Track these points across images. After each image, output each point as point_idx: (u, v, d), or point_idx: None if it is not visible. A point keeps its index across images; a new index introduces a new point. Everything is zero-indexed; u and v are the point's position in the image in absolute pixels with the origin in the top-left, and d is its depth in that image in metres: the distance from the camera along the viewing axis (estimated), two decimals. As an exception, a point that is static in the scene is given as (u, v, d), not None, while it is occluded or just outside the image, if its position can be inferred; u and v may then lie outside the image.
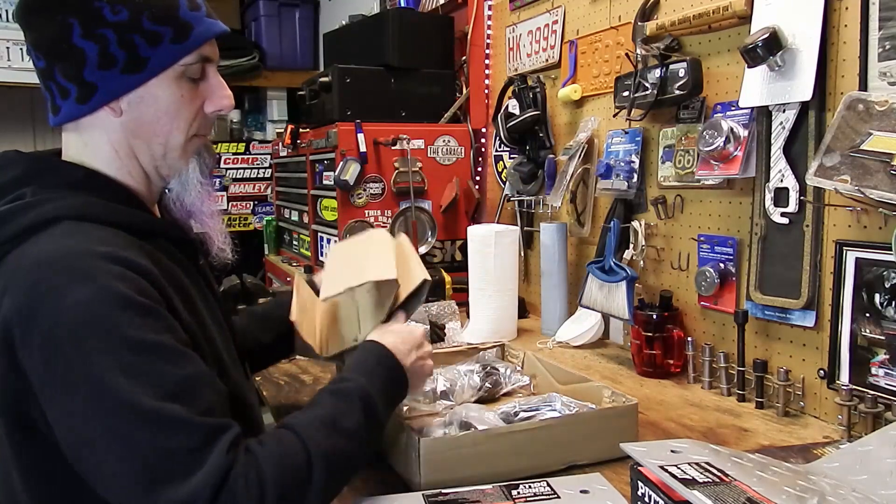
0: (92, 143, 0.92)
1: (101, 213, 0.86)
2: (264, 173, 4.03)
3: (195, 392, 0.77)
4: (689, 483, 0.71)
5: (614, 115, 1.73)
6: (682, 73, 1.49)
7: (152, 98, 0.90)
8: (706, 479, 0.72)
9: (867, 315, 1.17)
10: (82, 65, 0.86)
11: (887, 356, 1.14)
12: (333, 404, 0.89)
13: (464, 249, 2.30)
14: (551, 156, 1.95)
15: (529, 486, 0.98)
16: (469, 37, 2.43)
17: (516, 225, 2.11)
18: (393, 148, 2.27)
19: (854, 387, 1.17)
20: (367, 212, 2.28)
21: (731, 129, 1.36)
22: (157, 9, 0.87)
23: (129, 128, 0.91)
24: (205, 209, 0.99)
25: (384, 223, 2.29)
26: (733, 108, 1.40)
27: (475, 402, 1.37)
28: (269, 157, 3.85)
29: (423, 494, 0.97)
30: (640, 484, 0.78)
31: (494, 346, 1.56)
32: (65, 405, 0.75)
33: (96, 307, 0.75)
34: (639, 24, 1.62)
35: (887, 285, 1.14)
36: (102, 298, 0.75)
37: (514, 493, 0.97)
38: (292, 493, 0.78)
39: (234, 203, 4.02)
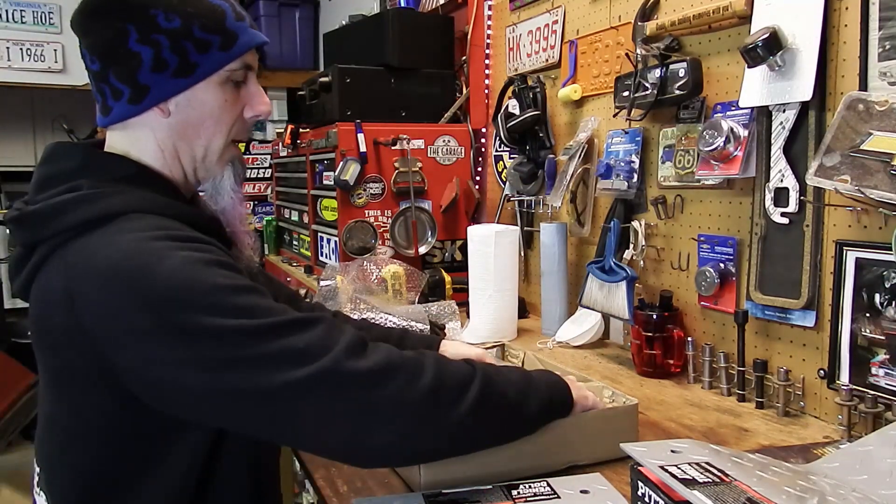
0: (139, 141, 0.98)
1: (160, 207, 0.92)
2: (264, 173, 4.03)
3: (295, 311, 0.85)
4: (690, 483, 0.71)
5: (614, 115, 1.73)
6: (682, 73, 1.49)
7: (199, 101, 0.96)
8: (706, 479, 0.72)
9: (867, 315, 1.17)
10: (137, 68, 0.92)
11: (887, 356, 1.14)
12: (518, 379, 0.97)
13: (464, 249, 2.30)
14: (551, 156, 1.95)
15: (529, 486, 0.98)
16: (469, 37, 2.43)
17: (516, 225, 2.11)
18: (393, 148, 2.28)
19: (854, 387, 1.17)
20: (367, 212, 2.28)
21: (731, 129, 1.36)
22: (207, 19, 0.94)
23: (176, 128, 0.97)
24: (235, 214, 1.05)
25: (384, 223, 2.30)
26: (733, 108, 1.40)
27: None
28: (269, 157, 3.85)
29: (423, 494, 0.97)
30: (640, 484, 0.78)
31: (494, 346, 1.56)
32: (188, 359, 0.79)
33: (188, 271, 0.81)
34: (639, 24, 1.62)
35: (887, 285, 1.14)
36: (188, 263, 0.81)
37: (514, 493, 0.97)
38: (447, 386, 0.86)
39: (234, 203, 4.01)
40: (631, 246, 1.67)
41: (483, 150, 2.46)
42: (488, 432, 0.94)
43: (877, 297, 1.16)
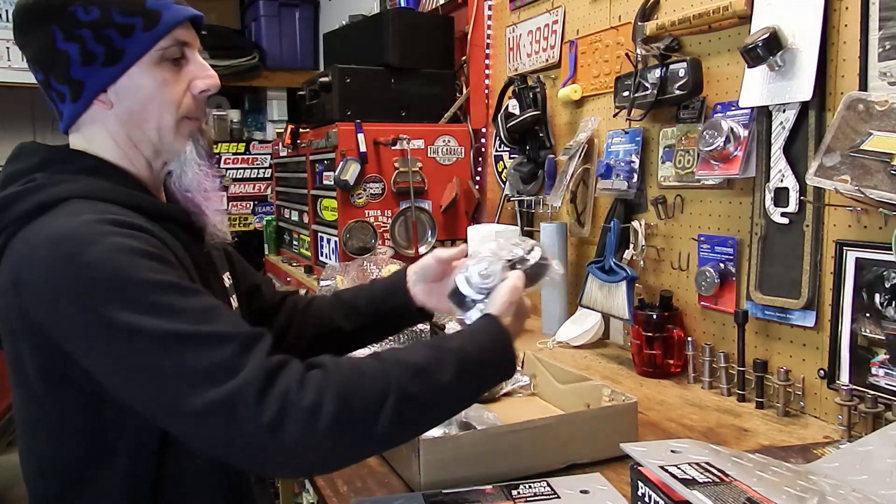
0: (94, 138, 0.98)
1: (109, 194, 0.91)
2: (264, 173, 4.03)
3: (220, 316, 0.83)
4: (690, 483, 0.71)
5: (614, 115, 1.73)
6: (682, 73, 1.49)
7: (136, 86, 0.95)
8: (706, 480, 0.72)
9: (867, 315, 1.17)
10: (68, 65, 0.92)
11: (887, 356, 1.14)
12: (428, 355, 0.87)
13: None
14: (551, 156, 1.95)
15: (529, 486, 0.98)
16: (469, 37, 2.43)
17: (516, 225, 2.11)
18: (393, 148, 2.28)
19: (854, 387, 1.17)
20: (367, 212, 2.28)
21: (731, 129, 1.36)
22: (125, 2, 0.93)
23: (122, 118, 0.96)
24: (202, 188, 1.03)
25: (384, 223, 2.30)
26: (733, 108, 1.40)
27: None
28: (269, 157, 3.85)
29: (423, 494, 0.97)
30: (640, 484, 0.78)
31: (494, 346, 1.56)
32: (104, 352, 0.80)
33: (113, 260, 0.80)
34: (639, 24, 1.62)
35: (887, 285, 1.14)
36: (116, 252, 0.81)
37: (514, 493, 0.97)
38: (355, 415, 0.79)
39: (234, 203, 4.02)
40: (631, 246, 1.67)
41: (483, 150, 2.46)
42: (417, 430, 0.89)
43: (877, 297, 1.16)
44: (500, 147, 2.34)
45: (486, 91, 2.42)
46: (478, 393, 0.94)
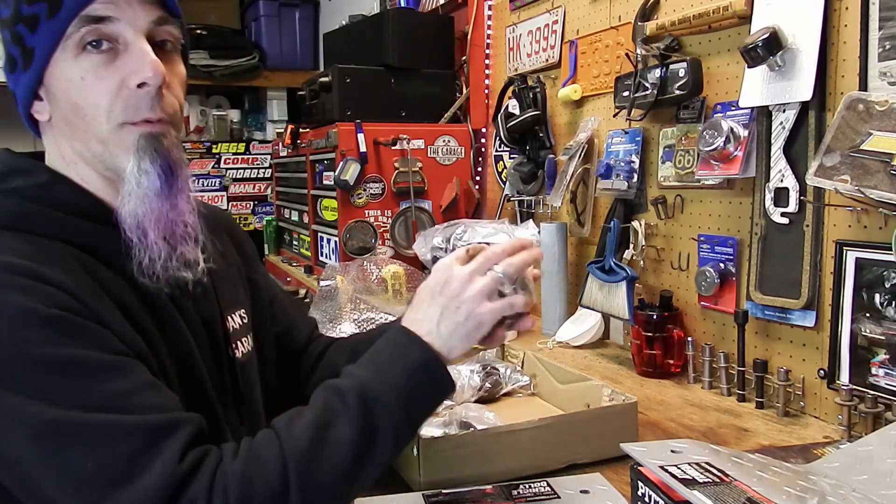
0: (50, 151, 0.84)
1: (36, 223, 0.77)
2: (264, 173, 4.03)
3: (128, 400, 0.68)
4: (690, 483, 0.71)
5: (614, 115, 1.73)
6: (682, 73, 1.49)
7: (59, 88, 0.78)
8: (706, 480, 0.72)
9: (867, 315, 1.17)
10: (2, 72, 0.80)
11: (887, 356, 1.14)
12: (326, 404, 0.74)
13: (464, 249, 2.29)
14: (551, 156, 1.95)
15: (529, 486, 0.98)
16: (469, 37, 2.43)
17: (516, 225, 2.11)
18: (393, 148, 2.28)
19: (854, 387, 1.17)
20: (367, 212, 2.28)
21: (731, 129, 1.36)
22: None
23: (60, 127, 0.81)
24: (150, 215, 0.79)
25: (384, 223, 2.30)
26: (733, 108, 1.40)
27: (475, 402, 1.37)
28: (269, 157, 3.86)
29: (423, 494, 0.97)
30: (640, 484, 0.78)
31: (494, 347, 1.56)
32: None
33: (6, 326, 0.66)
34: (639, 24, 1.62)
35: (887, 285, 1.14)
36: (4, 314, 0.67)
37: (514, 493, 0.97)
38: None
39: (234, 203, 4.02)
40: (631, 246, 1.67)
41: (483, 150, 2.46)
42: (345, 490, 0.74)
43: (877, 297, 1.15)
44: (500, 147, 2.34)
45: (486, 91, 2.43)
46: (408, 432, 0.79)
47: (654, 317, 1.54)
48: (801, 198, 1.28)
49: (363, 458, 0.73)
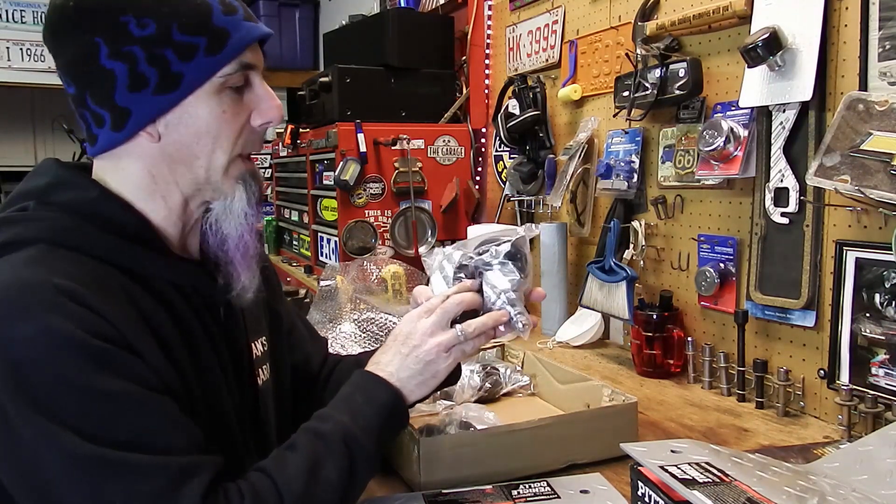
0: (127, 170, 0.84)
1: (84, 242, 0.78)
2: (264, 173, 4.03)
3: (156, 437, 0.71)
4: (690, 483, 0.71)
5: (614, 115, 1.73)
6: (682, 73, 1.49)
7: (191, 118, 0.81)
8: (706, 480, 0.72)
9: (867, 315, 1.17)
10: (112, 88, 0.79)
11: (887, 356, 1.14)
12: (313, 448, 0.80)
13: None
14: (551, 156, 1.95)
15: (529, 486, 0.98)
16: (469, 37, 2.43)
17: (516, 225, 2.11)
18: (393, 148, 2.28)
19: (854, 387, 1.17)
20: (367, 212, 2.28)
21: (731, 129, 1.36)
22: (188, 17, 0.78)
23: (169, 152, 0.83)
24: (242, 241, 0.87)
25: (384, 223, 2.30)
26: (733, 108, 1.40)
27: (475, 402, 1.37)
28: (269, 157, 3.85)
29: (423, 494, 0.97)
30: (640, 484, 0.78)
31: (494, 347, 1.56)
32: (15, 456, 0.69)
33: (37, 347, 0.68)
34: (639, 24, 1.62)
35: (887, 285, 1.14)
36: (47, 338, 0.68)
37: (514, 493, 0.97)
38: None
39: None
40: (631, 246, 1.67)
41: (483, 150, 2.46)
42: None
43: (877, 297, 1.15)
44: (500, 147, 2.34)
45: (486, 91, 2.42)
46: (377, 461, 0.87)
47: (654, 317, 1.54)
48: (801, 198, 1.28)
49: (347, 493, 0.81)
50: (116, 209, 0.83)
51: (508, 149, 2.25)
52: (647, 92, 1.56)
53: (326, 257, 2.46)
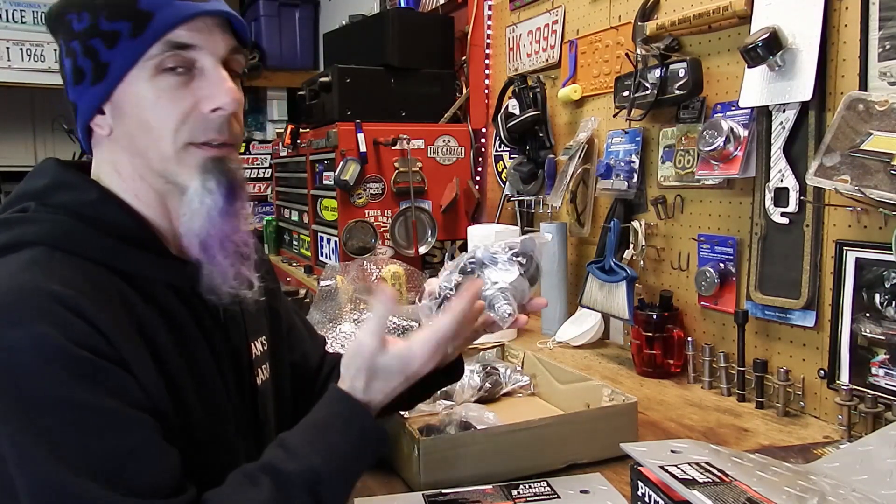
0: (101, 167, 0.84)
1: (83, 245, 0.77)
2: (264, 173, 4.03)
3: (127, 462, 0.68)
4: (690, 483, 0.71)
5: (614, 115, 1.73)
6: (682, 73, 1.49)
7: (130, 106, 0.79)
8: (706, 479, 0.72)
9: (867, 315, 1.17)
10: (65, 84, 0.81)
11: (887, 356, 1.14)
12: (272, 497, 0.72)
13: (464, 249, 2.30)
14: (551, 156, 1.95)
15: (529, 486, 0.98)
16: (469, 37, 2.43)
17: (516, 225, 2.11)
18: (393, 148, 2.28)
19: (854, 387, 1.17)
20: (367, 212, 2.28)
21: (731, 129, 1.36)
22: (116, 5, 0.77)
23: (122, 144, 0.81)
24: (216, 234, 0.81)
25: (384, 223, 2.30)
26: (733, 108, 1.40)
27: (475, 402, 1.37)
28: (269, 157, 3.85)
29: (423, 494, 0.97)
30: (640, 484, 0.78)
31: (494, 346, 1.56)
32: None
33: (23, 356, 0.66)
34: (639, 24, 1.62)
35: (887, 285, 1.14)
36: (33, 346, 0.67)
37: (514, 493, 0.97)
38: None
39: (234, 203, 4.01)
40: (631, 246, 1.67)
41: (483, 150, 2.46)
42: None
43: (877, 297, 1.15)
44: (500, 147, 2.34)
45: (486, 91, 2.43)
46: (350, 488, 0.81)
47: (654, 317, 1.54)
48: (801, 198, 1.28)
49: None
50: (114, 211, 0.82)
51: (508, 149, 2.25)
52: (647, 92, 1.56)
53: (326, 257, 2.46)
